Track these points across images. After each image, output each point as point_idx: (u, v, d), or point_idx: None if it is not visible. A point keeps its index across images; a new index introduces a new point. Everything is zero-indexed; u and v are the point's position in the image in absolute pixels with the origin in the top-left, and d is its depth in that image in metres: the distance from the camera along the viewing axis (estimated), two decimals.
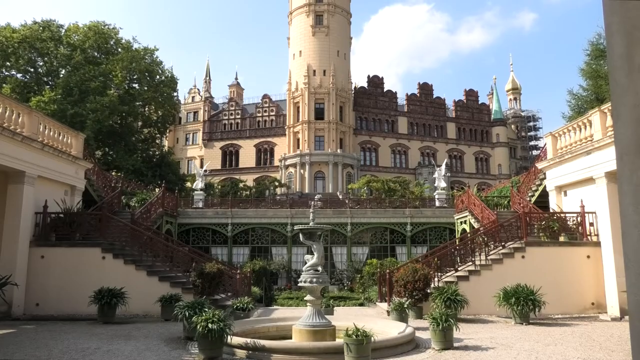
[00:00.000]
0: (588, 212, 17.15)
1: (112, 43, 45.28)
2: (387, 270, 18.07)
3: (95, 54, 44.10)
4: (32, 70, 42.94)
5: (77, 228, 17.42)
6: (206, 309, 10.35)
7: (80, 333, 12.37)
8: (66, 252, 16.76)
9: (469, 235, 20.62)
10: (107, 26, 44.71)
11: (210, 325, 9.05)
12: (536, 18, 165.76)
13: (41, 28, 42.18)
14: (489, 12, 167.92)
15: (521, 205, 21.61)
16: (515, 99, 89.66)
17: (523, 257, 16.82)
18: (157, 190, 29.68)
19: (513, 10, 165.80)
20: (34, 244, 16.59)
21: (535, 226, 17.89)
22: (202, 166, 54.31)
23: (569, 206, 18.47)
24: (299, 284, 11.07)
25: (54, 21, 43.45)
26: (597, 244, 16.54)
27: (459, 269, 17.27)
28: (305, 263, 11.00)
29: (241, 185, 53.89)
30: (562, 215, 18.00)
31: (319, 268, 10.71)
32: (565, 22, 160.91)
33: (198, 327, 9.12)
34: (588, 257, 16.64)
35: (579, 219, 17.46)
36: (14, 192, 15.95)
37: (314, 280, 10.49)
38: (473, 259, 17.42)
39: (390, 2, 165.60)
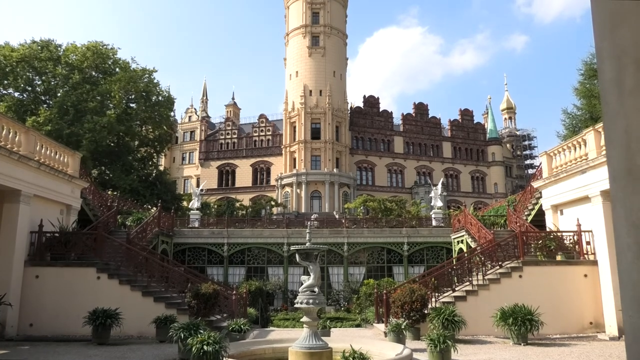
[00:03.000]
0: (584, 231, 17.17)
1: (110, 63, 45.55)
2: (384, 291, 17.96)
3: (94, 73, 44.31)
4: (29, 89, 43.08)
5: (73, 247, 17.30)
6: (201, 331, 10.26)
7: (74, 354, 12.20)
8: (61, 272, 16.61)
9: (466, 254, 20.58)
10: (105, 46, 44.97)
11: (205, 347, 8.96)
12: (527, 40, 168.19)
13: (40, 47, 42.43)
14: (480, 35, 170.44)
15: (518, 224, 21.61)
16: (510, 118, 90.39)
17: (520, 276, 16.78)
18: (153, 209, 29.58)
19: (504, 33, 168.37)
20: (29, 263, 16.45)
21: (532, 245, 17.87)
22: (198, 185, 54.25)
23: (566, 225, 18.50)
24: (296, 305, 10.98)
25: (52, 41, 43.71)
26: (594, 262, 16.53)
27: (457, 289, 17.19)
28: (302, 284, 10.94)
29: (237, 204, 53.78)
30: (558, 234, 18.01)
31: (316, 289, 10.65)
32: (557, 44, 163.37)
33: (193, 349, 9.03)
34: (585, 276, 16.61)
35: (575, 237, 17.47)
36: (10, 211, 15.88)
37: (311, 301, 10.42)
38: (470, 278, 17.35)
39: (385, 24, 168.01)
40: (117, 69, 45.26)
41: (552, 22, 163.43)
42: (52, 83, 43.10)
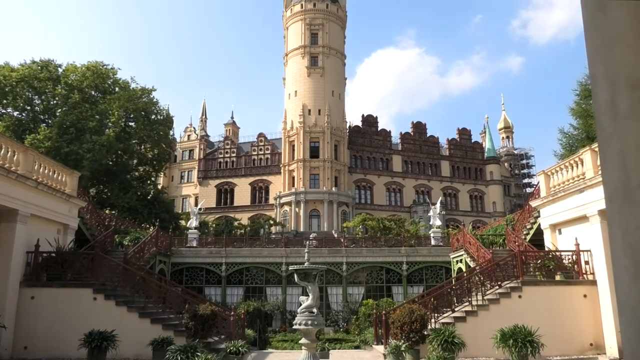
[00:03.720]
0: (583, 250, 17.12)
1: (110, 82, 45.80)
2: (383, 311, 17.80)
3: (93, 92, 44.52)
4: (28, 108, 43.22)
5: (69, 268, 17.16)
6: (199, 353, 10.15)
7: None
8: (57, 293, 16.45)
9: (465, 274, 20.47)
10: (105, 66, 45.27)
11: None
12: (523, 61, 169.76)
13: (39, 67, 42.66)
14: (477, 56, 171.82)
15: (516, 243, 21.54)
16: (507, 137, 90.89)
17: (520, 296, 16.67)
18: (151, 228, 29.47)
19: (500, 54, 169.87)
20: (24, 284, 16.30)
21: (531, 265, 17.79)
22: (196, 204, 54.20)
23: (564, 244, 18.45)
24: (294, 326, 10.88)
25: (52, 61, 43.98)
26: (594, 282, 16.45)
27: (456, 309, 17.06)
28: (300, 304, 10.85)
29: (236, 223, 53.68)
30: (557, 253, 17.94)
31: (314, 310, 10.56)
32: (552, 65, 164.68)
33: None
34: (585, 296, 16.51)
35: (574, 257, 17.40)
36: (6, 231, 15.78)
37: (309, 322, 10.32)
38: (470, 299, 17.22)
39: (383, 45, 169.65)
40: (117, 89, 45.50)
41: (547, 44, 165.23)
42: (52, 103, 43.27)
